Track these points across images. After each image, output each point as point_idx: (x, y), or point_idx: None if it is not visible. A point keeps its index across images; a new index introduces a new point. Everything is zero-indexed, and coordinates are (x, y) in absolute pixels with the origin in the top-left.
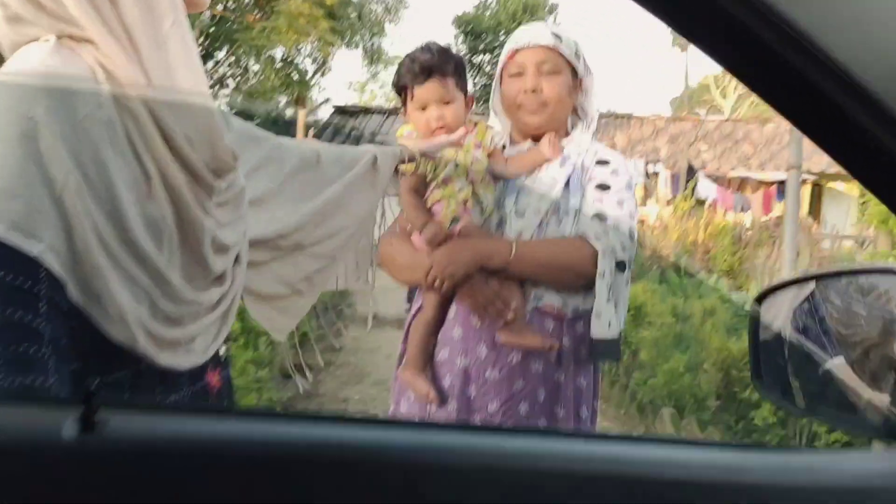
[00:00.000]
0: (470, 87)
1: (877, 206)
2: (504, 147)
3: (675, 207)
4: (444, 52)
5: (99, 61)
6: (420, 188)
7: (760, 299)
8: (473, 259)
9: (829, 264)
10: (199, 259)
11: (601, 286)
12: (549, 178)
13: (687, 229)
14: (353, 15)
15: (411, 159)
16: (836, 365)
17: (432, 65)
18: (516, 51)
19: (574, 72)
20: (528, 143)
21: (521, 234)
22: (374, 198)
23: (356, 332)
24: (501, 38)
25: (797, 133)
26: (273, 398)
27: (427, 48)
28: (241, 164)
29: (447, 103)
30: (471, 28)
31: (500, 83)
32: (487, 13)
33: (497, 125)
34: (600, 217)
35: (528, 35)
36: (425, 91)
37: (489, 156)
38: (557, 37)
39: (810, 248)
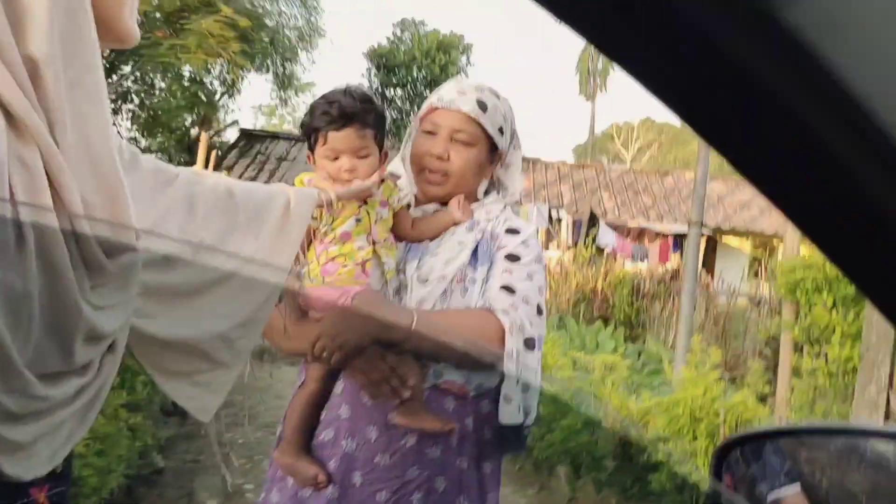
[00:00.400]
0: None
1: (785, 277)
2: (409, 206)
3: (576, 254)
4: (368, 99)
5: None
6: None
7: (723, 452)
8: (370, 329)
9: (726, 323)
10: (64, 349)
11: (510, 367)
12: (456, 244)
13: (587, 276)
14: (266, 40)
15: (328, 205)
16: None
17: (353, 112)
18: (435, 108)
19: (493, 145)
20: (433, 206)
21: (423, 303)
22: (290, 249)
23: (244, 367)
24: (415, 74)
25: (699, 190)
26: (149, 441)
27: (349, 92)
28: (149, 211)
29: (362, 157)
30: (384, 61)
31: (414, 136)
32: (402, 48)
33: (404, 179)
34: (509, 290)
35: (452, 94)
36: (340, 139)
37: (394, 215)
38: (482, 105)
39: (706, 304)
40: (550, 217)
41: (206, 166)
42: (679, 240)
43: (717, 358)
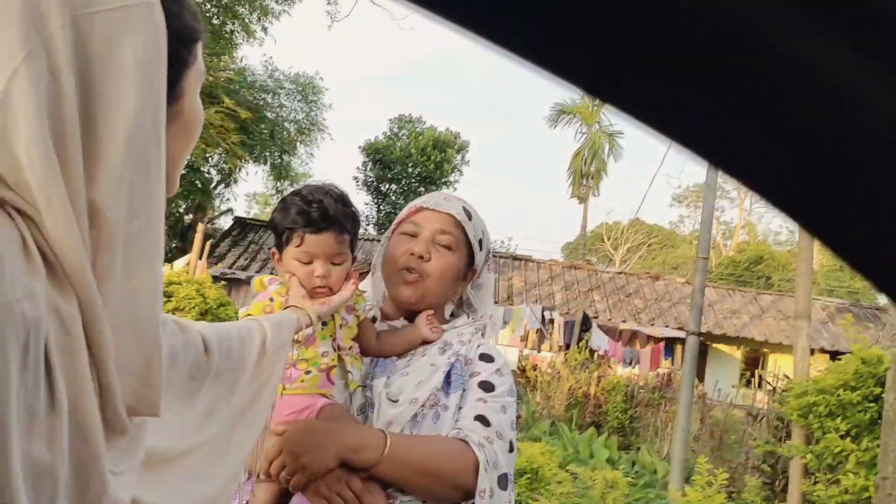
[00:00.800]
0: (372, 217)
1: (797, 400)
2: (374, 320)
3: (569, 357)
4: (347, 202)
5: (35, 235)
6: None
7: None
8: (339, 449)
9: (722, 435)
10: None
11: None
12: (428, 365)
13: (580, 380)
14: (266, 132)
15: (307, 327)
16: None
17: (335, 215)
18: (420, 208)
19: (471, 259)
20: (400, 321)
21: (391, 425)
22: (269, 393)
23: None
24: (410, 170)
25: (697, 299)
26: None
27: (329, 192)
28: None
29: (337, 263)
30: (380, 157)
31: (389, 240)
32: (399, 144)
33: (369, 292)
34: (483, 421)
35: (437, 199)
36: (318, 243)
37: (358, 325)
38: (467, 213)
39: (702, 414)
40: (543, 317)
41: (201, 256)
42: (670, 344)
43: (723, 479)
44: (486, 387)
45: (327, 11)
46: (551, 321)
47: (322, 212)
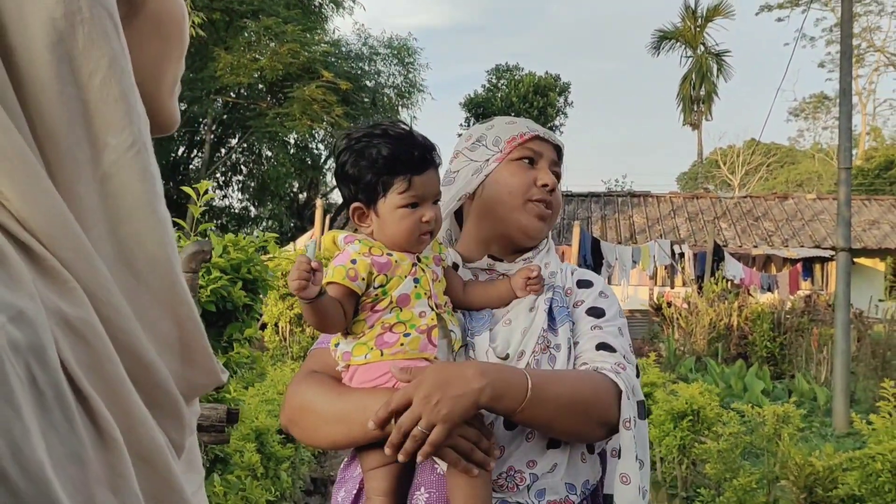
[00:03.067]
0: None
1: None
2: (456, 267)
3: (705, 289)
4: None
5: (8, 225)
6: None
7: None
8: (480, 396)
9: (887, 353)
10: None
11: (627, 439)
12: (526, 309)
13: (720, 312)
14: (367, 100)
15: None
16: None
17: (434, 148)
18: (534, 136)
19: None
20: (485, 261)
21: None
22: None
23: None
24: None
25: (843, 213)
26: None
27: (400, 128)
28: None
29: (436, 201)
30: (482, 110)
31: (491, 173)
32: (499, 95)
33: (441, 236)
34: (607, 348)
35: (536, 127)
36: (425, 183)
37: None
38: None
39: (858, 333)
40: (672, 252)
41: (322, 230)
42: (808, 264)
43: None
44: (596, 313)
45: None
46: (681, 255)
47: (422, 147)
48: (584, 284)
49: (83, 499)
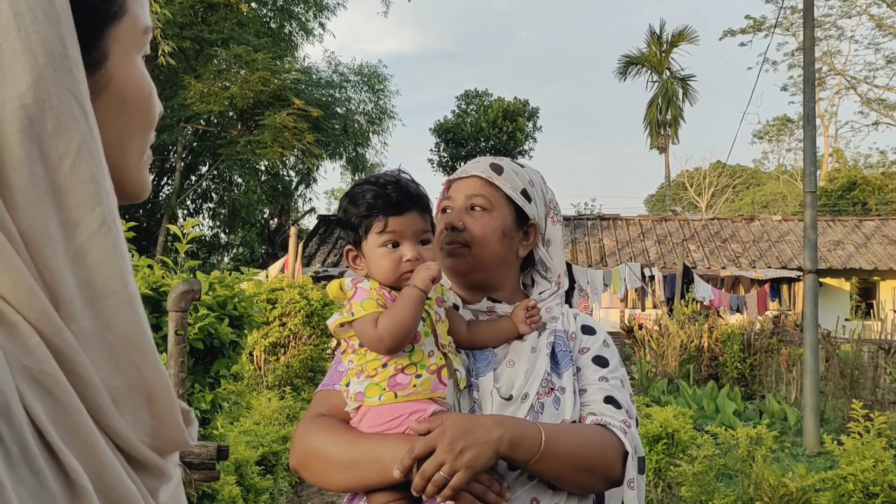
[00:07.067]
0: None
1: None
2: (457, 308)
3: (676, 311)
4: (416, 182)
5: None
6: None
7: None
8: (500, 445)
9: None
10: None
11: (630, 499)
12: (529, 350)
13: (690, 334)
14: (338, 127)
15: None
16: None
17: (415, 191)
18: (450, 183)
19: (520, 214)
20: (485, 303)
21: None
22: None
23: None
24: (482, 145)
25: (810, 235)
26: None
27: (398, 176)
28: None
29: (425, 242)
30: (451, 136)
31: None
32: (468, 120)
33: (444, 278)
34: (614, 403)
35: (466, 166)
36: (404, 223)
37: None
38: (496, 168)
39: (826, 353)
40: (643, 275)
41: (296, 258)
42: (775, 285)
43: (881, 423)
44: (602, 362)
45: None
46: (651, 277)
47: (401, 190)
48: (587, 331)
49: None
